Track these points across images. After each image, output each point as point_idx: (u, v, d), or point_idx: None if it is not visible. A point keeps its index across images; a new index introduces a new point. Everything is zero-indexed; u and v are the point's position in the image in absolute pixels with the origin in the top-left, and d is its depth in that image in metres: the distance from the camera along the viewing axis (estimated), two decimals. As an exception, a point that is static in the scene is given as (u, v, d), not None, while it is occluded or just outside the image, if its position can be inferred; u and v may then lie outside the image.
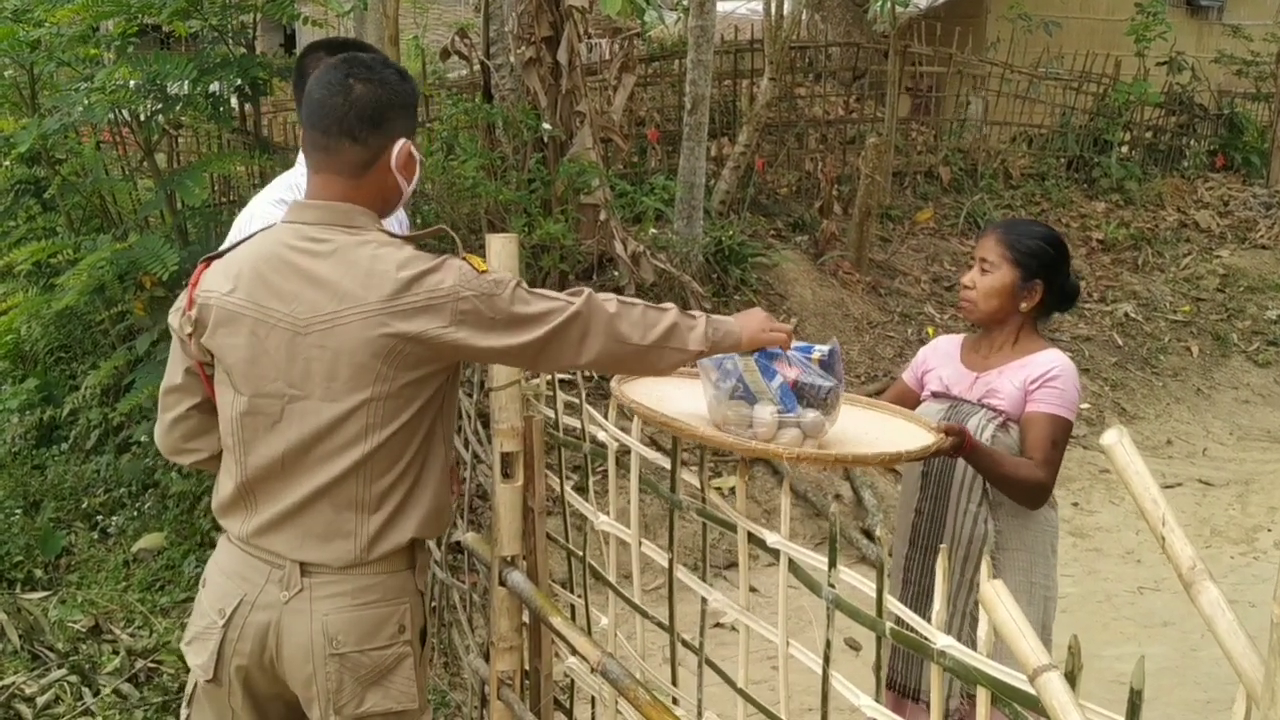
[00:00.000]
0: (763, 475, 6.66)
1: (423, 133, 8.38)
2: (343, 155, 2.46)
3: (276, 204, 3.27)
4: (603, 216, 7.14)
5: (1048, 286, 3.22)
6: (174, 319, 2.55)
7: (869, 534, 6.31)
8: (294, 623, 2.46)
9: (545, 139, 7.05)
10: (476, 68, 8.07)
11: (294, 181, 3.36)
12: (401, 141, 2.49)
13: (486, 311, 2.36)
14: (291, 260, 2.42)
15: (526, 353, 2.43)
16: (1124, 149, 13.05)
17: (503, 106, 7.13)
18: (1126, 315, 10.03)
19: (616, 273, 7.49)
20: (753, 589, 4.71)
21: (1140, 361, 9.49)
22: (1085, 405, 8.61)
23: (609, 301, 2.47)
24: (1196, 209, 12.35)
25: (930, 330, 8.89)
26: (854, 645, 5.12)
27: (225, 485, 2.56)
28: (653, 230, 8.35)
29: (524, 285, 2.45)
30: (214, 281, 2.49)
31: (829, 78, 12.19)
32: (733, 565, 4.74)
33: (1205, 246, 11.59)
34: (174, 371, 2.60)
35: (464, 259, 2.40)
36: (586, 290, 2.48)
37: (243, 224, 3.30)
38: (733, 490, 6.21)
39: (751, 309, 2.77)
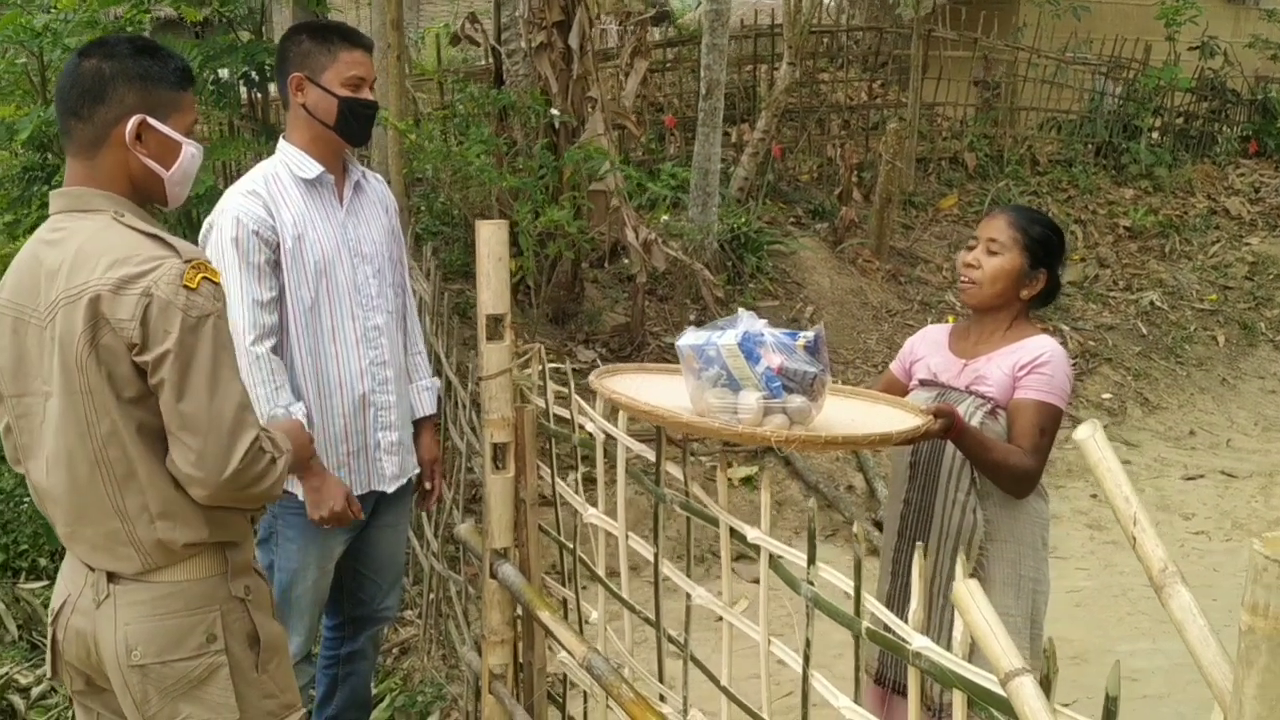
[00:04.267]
0: (775, 465, 6.59)
1: (438, 118, 8.33)
2: (73, 135, 2.35)
3: (247, 195, 3.21)
4: (614, 203, 7.06)
5: (1048, 277, 3.12)
6: None
7: (879, 525, 6.22)
8: (104, 631, 2.38)
9: (556, 125, 6.98)
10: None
11: (270, 171, 3.29)
12: (135, 117, 2.34)
13: (160, 323, 2.21)
14: (36, 253, 2.34)
15: (166, 411, 2.25)
16: (1154, 135, 12.88)
17: (513, 92, 7.07)
18: (1152, 304, 9.88)
19: (627, 260, 7.42)
20: (755, 581, 4.65)
21: (1165, 350, 9.35)
22: (1107, 395, 8.50)
23: (264, 451, 2.33)
24: (1227, 196, 12.16)
25: (951, 319, 8.78)
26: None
27: None
28: (665, 217, 8.28)
29: (226, 351, 2.29)
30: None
31: (852, 63, 12.07)
32: (740, 557, 4.68)
33: (1235, 234, 11.41)
34: None
35: (193, 263, 2.26)
36: (278, 461, 2.36)
37: (214, 216, 3.24)
38: (744, 481, 6.16)
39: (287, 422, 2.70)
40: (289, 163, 3.31)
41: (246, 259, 3.15)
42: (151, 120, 2.36)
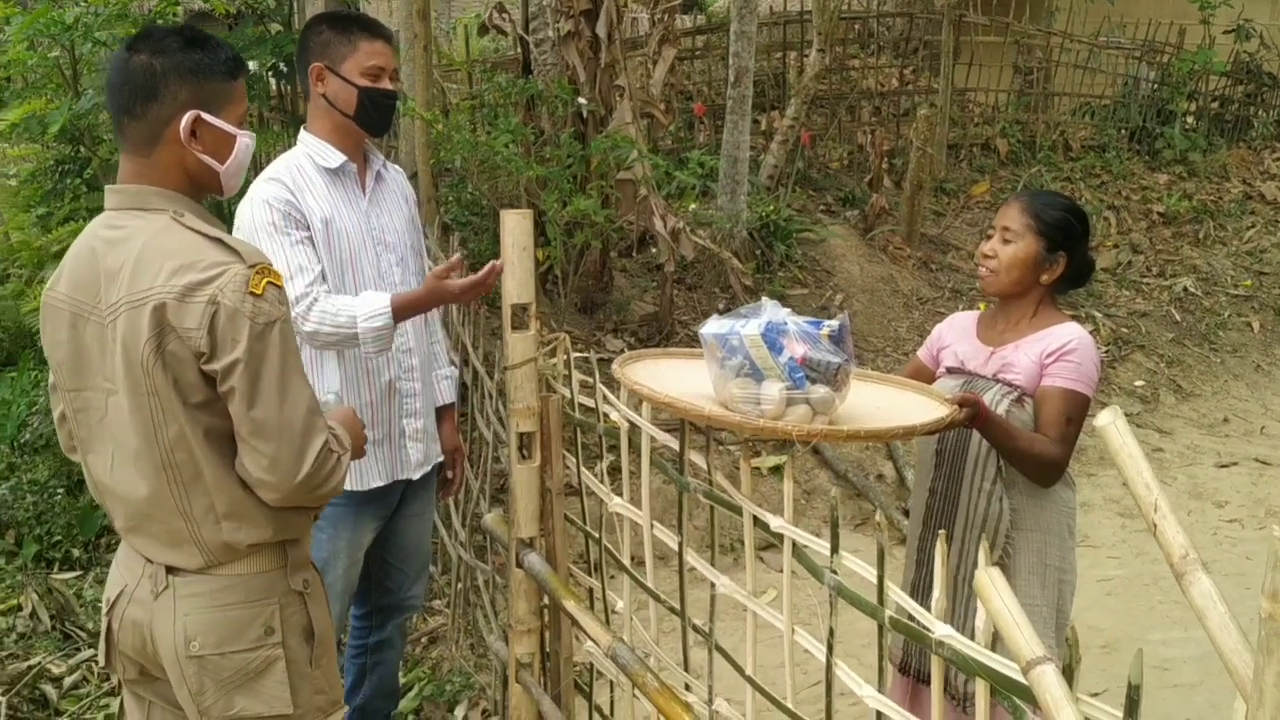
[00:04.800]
0: (804, 454, 6.57)
1: (466, 108, 8.34)
2: (127, 133, 2.33)
3: (272, 181, 3.22)
4: (642, 192, 7.04)
5: (1069, 260, 3.10)
6: None
7: (909, 514, 6.19)
8: (162, 622, 2.38)
9: (583, 114, 6.96)
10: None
11: (293, 162, 3.30)
12: (189, 113, 2.31)
13: (228, 330, 2.19)
14: (94, 249, 2.33)
15: (237, 418, 2.24)
16: (1188, 119, 12.75)
17: (540, 81, 7.06)
18: (1185, 290, 9.79)
19: (656, 249, 7.41)
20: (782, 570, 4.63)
21: (1198, 337, 9.27)
22: (1140, 382, 8.43)
23: (332, 451, 2.33)
24: (1262, 180, 12.04)
25: (982, 306, 8.71)
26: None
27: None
28: (693, 206, 8.25)
29: (293, 354, 2.28)
30: (53, 277, 2.42)
31: (883, 49, 12.00)
32: (768, 547, 4.67)
33: (1270, 219, 11.30)
34: (51, 372, 2.53)
35: (257, 268, 2.24)
36: (343, 458, 2.37)
37: (241, 207, 3.25)
38: (774, 470, 6.14)
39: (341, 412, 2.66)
40: (311, 153, 3.32)
41: (289, 238, 3.16)
42: (205, 115, 2.33)
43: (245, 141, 2.42)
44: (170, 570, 2.38)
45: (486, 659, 4.38)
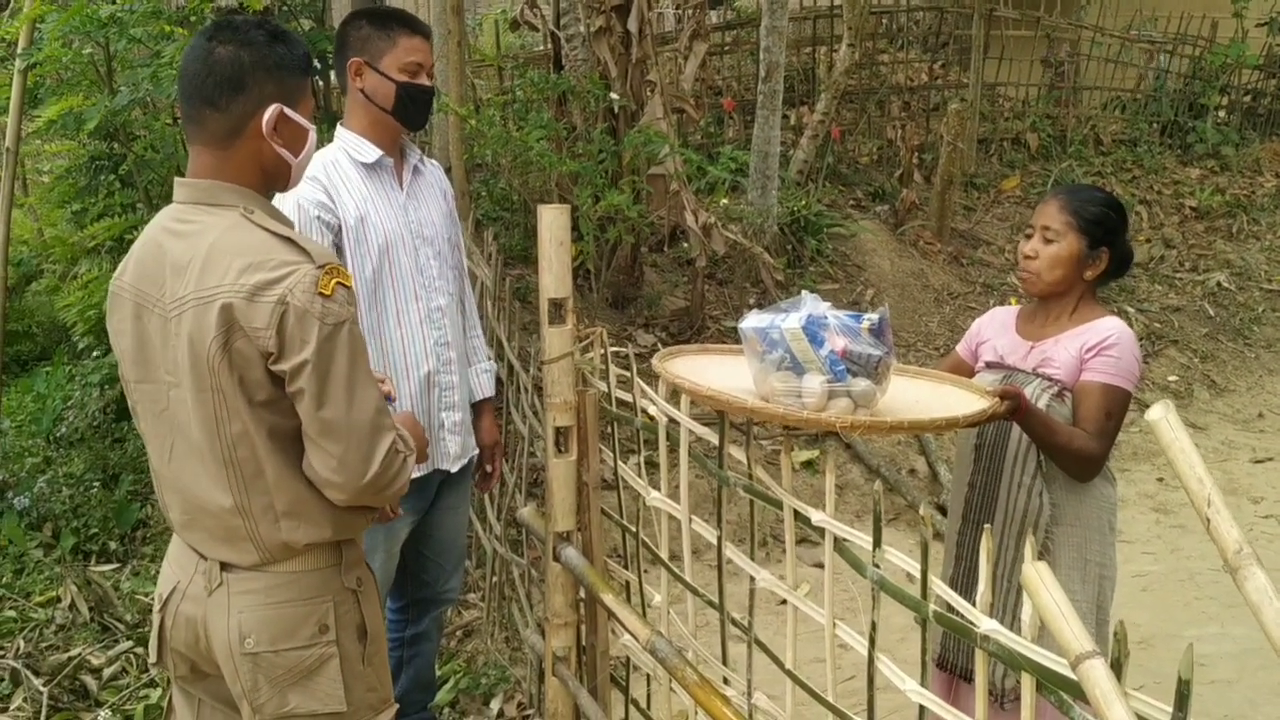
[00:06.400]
0: (837, 449, 6.56)
1: (497, 103, 8.35)
2: (206, 125, 2.31)
3: (308, 180, 3.20)
4: (674, 187, 7.04)
5: (1111, 254, 3.08)
6: None
7: (943, 509, 6.18)
8: (215, 618, 2.37)
9: (615, 109, 6.97)
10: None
11: (329, 158, 3.30)
12: (273, 107, 2.31)
13: (297, 331, 2.19)
14: (160, 242, 2.32)
15: (305, 418, 2.24)
16: (1220, 113, 12.66)
17: (572, 77, 7.06)
18: (1219, 285, 9.73)
19: (687, 244, 7.41)
20: (815, 565, 4.63)
21: (1232, 332, 9.20)
22: (1173, 378, 8.38)
23: (399, 451, 2.33)
24: (1296, 174, 11.96)
25: (1013, 301, 8.68)
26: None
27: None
28: (724, 201, 8.24)
29: (361, 355, 2.28)
30: (121, 265, 2.43)
31: (912, 44, 11.96)
32: (801, 541, 4.66)
33: (1305, 213, 11.23)
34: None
35: (326, 269, 2.24)
36: (409, 459, 2.37)
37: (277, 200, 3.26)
38: (805, 464, 6.13)
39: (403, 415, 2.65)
40: (347, 148, 3.33)
41: None
42: (286, 110, 2.34)
43: (313, 135, 2.44)
44: (224, 566, 2.37)
45: (521, 652, 4.39)
